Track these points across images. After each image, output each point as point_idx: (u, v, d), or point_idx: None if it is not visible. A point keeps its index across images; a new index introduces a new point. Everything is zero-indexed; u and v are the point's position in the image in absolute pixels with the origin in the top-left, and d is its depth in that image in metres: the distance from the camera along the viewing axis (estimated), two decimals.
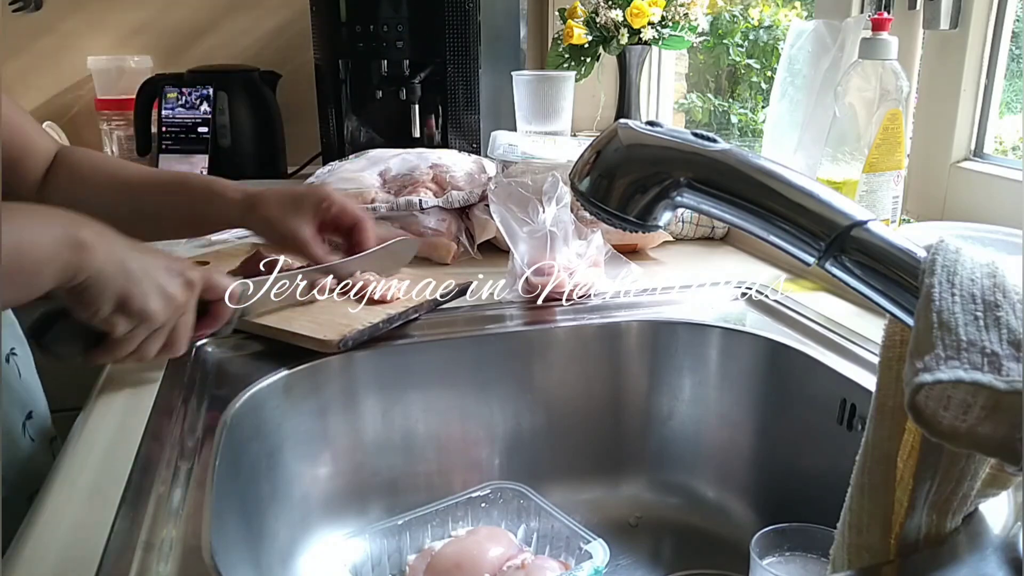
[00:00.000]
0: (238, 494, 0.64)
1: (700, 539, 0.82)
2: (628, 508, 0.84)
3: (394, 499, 0.80)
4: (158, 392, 0.69)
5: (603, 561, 0.70)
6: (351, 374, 0.78)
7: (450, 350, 0.81)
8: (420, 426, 0.82)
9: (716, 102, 2.09)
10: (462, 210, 1.06)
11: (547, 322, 0.85)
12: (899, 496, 0.43)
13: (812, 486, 0.74)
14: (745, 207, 0.47)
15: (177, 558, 0.48)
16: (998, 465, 0.42)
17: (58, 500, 0.55)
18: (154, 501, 0.54)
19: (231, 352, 0.77)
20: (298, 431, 0.75)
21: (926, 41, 0.99)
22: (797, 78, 1.06)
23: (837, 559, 0.47)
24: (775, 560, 0.63)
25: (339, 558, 0.71)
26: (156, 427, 0.63)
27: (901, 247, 0.43)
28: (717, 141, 0.48)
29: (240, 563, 0.61)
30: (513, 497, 0.79)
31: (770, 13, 2.06)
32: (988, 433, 0.36)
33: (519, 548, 0.75)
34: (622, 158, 0.50)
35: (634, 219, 0.50)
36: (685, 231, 1.13)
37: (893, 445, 0.43)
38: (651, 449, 0.87)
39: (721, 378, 0.84)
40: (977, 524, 0.45)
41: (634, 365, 0.86)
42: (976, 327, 0.37)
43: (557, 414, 0.85)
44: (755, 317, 0.87)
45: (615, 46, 1.36)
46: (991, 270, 0.40)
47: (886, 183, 0.87)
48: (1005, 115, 1.01)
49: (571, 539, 0.74)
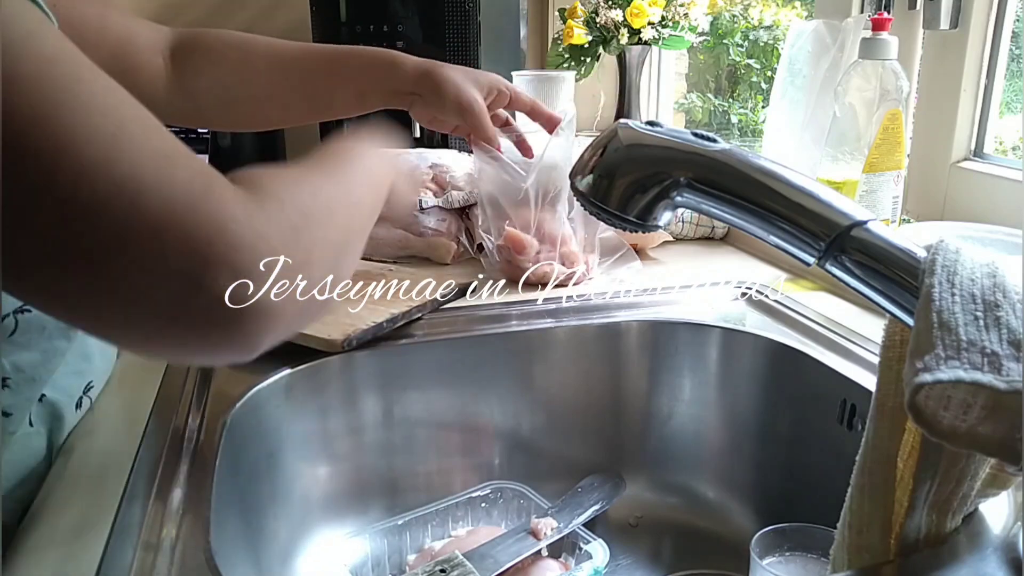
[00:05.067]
0: (238, 494, 0.64)
1: (700, 539, 0.82)
2: (628, 508, 0.84)
3: (394, 499, 0.80)
4: (158, 392, 0.69)
5: (603, 561, 0.70)
6: (351, 374, 0.78)
7: (450, 350, 0.81)
8: (420, 426, 0.82)
9: (716, 102, 2.09)
10: (462, 210, 1.06)
11: (547, 322, 0.85)
12: (899, 496, 0.43)
13: (812, 486, 0.74)
14: (745, 207, 0.47)
15: (177, 558, 0.48)
16: (998, 465, 0.42)
17: (58, 500, 0.55)
18: (154, 501, 0.54)
19: None
20: (298, 431, 0.75)
21: (926, 41, 0.99)
22: (797, 78, 1.06)
23: (837, 559, 0.47)
24: (775, 560, 0.63)
25: (339, 558, 0.72)
26: (157, 426, 0.63)
27: (901, 247, 0.43)
28: (717, 141, 0.48)
29: (240, 563, 0.61)
30: (513, 497, 0.80)
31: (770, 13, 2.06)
32: (988, 433, 0.36)
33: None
34: (622, 158, 0.50)
35: (634, 219, 0.50)
36: (685, 231, 1.13)
37: (893, 445, 0.43)
38: (651, 449, 0.87)
39: (721, 378, 0.84)
40: (977, 524, 0.45)
41: (634, 365, 0.86)
42: (976, 327, 0.37)
43: (557, 414, 0.85)
44: (755, 317, 0.87)
45: (615, 46, 1.36)
46: (991, 270, 0.40)
47: (886, 183, 0.87)
48: (1005, 115, 1.01)
49: (571, 539, 0.75)
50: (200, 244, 0.35)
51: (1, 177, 0.31)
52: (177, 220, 0.35)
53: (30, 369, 0.59)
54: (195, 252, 0.35)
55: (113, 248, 0.34)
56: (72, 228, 0.33)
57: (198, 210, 0.35)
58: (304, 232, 0.41)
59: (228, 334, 0.37)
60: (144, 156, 0.35)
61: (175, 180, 0.35)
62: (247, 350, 0.39)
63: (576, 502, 0.78)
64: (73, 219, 0.33)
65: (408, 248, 1.03)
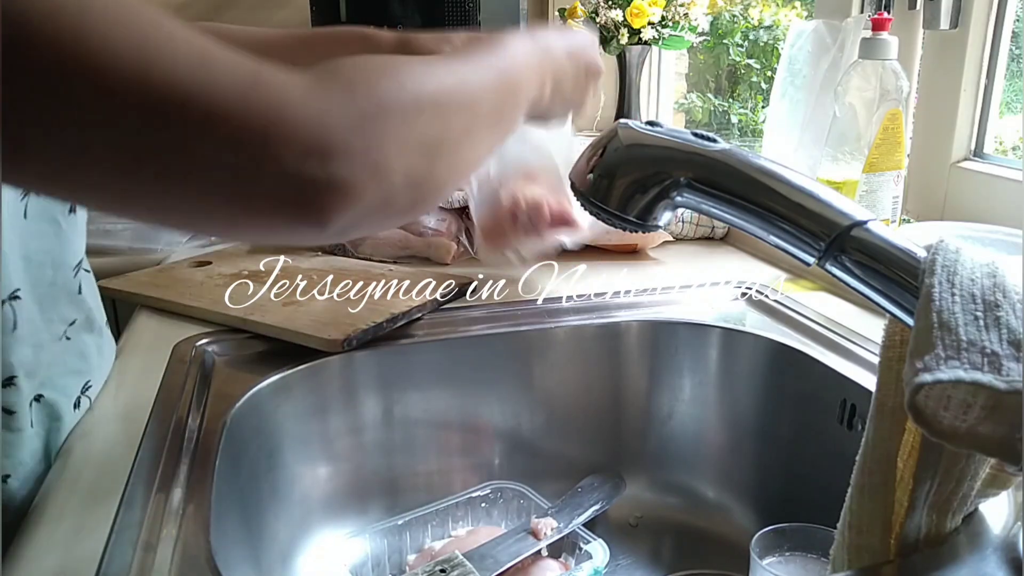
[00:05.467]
0: (238, 494, 0.64)
1: (700, 539, 0.82)
2: (628, 508, 0.84)
3: (394, 499, 0.80)
4: (158, 391, 0.69)
5: (603, 561, 0.70)
6: (351, 374, 0.78)
7: (450, 350, 0.81)
8: (420, 426, 0.82)
9: (716, 102, 2.09)
10: (462, 210, 1.06)
11: (547, 322, 0.85)
12: (899, 496, 0.43)
13: (812, 486, 0.74)
14: (745, 207, 0.47)
15: (177, 558, 0.48)
16: (998, 465, 0.42)
17: (58, 500, 0.55)
18: (154, 501, 0.54)
19: (231, 352, 0.77)
20: (298, 431, 0.75)
21: (926, 41, 0.99)
22: (797, 78, 1.06)
23: (837, 559, 0.47)
24: (775, 560, 0.63)
25: (339, 558, 0.72)
26: (156, 426, 0.63)
27: (901, 247, 0.43)
28: (717, 141, 0.48)
29: (240, 563, 0.61)
30: (513, 497, 0.80)
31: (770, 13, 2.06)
32: (988, 433, 0.36)
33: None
34: (622, 158, 0.50)
35: (634, 219, 0.50)
36: (685, 231, 1.13)
37: (893, 445, 0.43)
38: (651, 449, 0.87)
39: (721, 378, 0.84)
40: (977, 524, 0.45)
41: (634, 365, 0.86)
42: (976, 327, 0.37)
43: (557, 414, 0.85)
44: (755, 317, 0.87)
45: (615, 46, 1.36)
46: (991, 270, 0.40)
47: (886, 183, 0.87)
48: (1005, 115, 1.01)
49: (571, 539, 0.75)
50: (255, 134, 0.36)
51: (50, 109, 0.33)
52: (227, 115, 0.36)
53: (26, 364, 0.59)
54: (252, 142, 0.36)
55: (172, 153, 0.35)
56: (127, 151, 0.35)
57: (248, 100, 0.36)
58: (376, 122, 0.41)
59: (301, 210, 0.38)
60: (178, 64, 0.35)
61: (216, 79, 0.36)
62: (321, 226, 0.40)
63: (576, 502, 0.78)
64: (125, 134, 0.34)
65: (408, 248, 1.03)
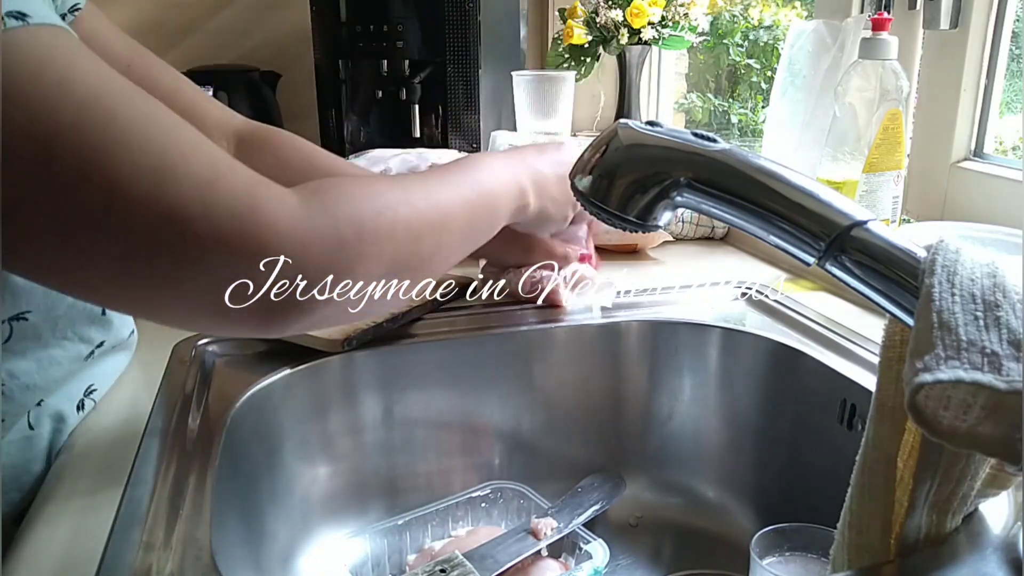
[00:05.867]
0: (238, 494, 0.64)
1: (700, 539, 0.82)
2: (628, 508, 0.84)
3: (394, 499, 0.80)
4: (158, 392, 0.69)
5: (603, 561, 0.70)
6: (351, 374, 0.78)
7: (450, 350, 0.81)
8: (420, 426, 0.82)
9: (716, 102, 2.09)
10: None
11: (547, 322, 0.85)
12: (899, 496, 0.43)
13: (812, 486, 0.74)
14: (745, 207, 0.47)
15: (177, 558, 0.48)
16: (998, 465, 0.42)
17: (58, 500, 0.55)
18: (154, 501, 0.54)
19: (231, 352, 0.77)
20: (298, 431, 0.75)
21: (926, 41, 0.99)
22: (797, 78, 1.06)
23: (837, 559, 0.47)
24: (775, 560, 0.63)
25: (339, 558, 0.72)
26: (156, 426, 0.63)
27: (901, 247, 0.43)
28: (717, 141, 0.48)
29: (240, 563, 0.61)
30: (513, 497, 0.80)
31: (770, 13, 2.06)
32: (988, 433, 0.36)
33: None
34: (622, 158, 0.50)
35: (634, 219, 0.50)
36: (685, 231, 1.13)
37: (893, 445, 0.43)
38: (651, 449, 0.87)
39: (721, 378, 0.84)
40: (977, 524, 0.45)
41: (634, 365, 0.86)
42: (976, 327, 0.37)
43: (557, 414, 0.85)
44: (755, 317, 0.87)
45: (615, 46, 1.36)
46: (991, 270, 0.40)
47: (886, 183, 0.87)
48: (1005, 115, 1.01)
49: (571, 539, 0.75)
50: (243, 260, 0.41)
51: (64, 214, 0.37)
52: (224, 239, 0.40)
53: (25, 376, 0.59)
54: (240, 266, 0.41)
55: (167, 267, 0.39)
56: (128, 260, 0.39)
57: (244, 227, 0.41)
58: (353, 247, 0.46)
59: (269, 321, 0.44)
60: (187, 185, 0.39)
61: (219, 201, 0.40)
62: (280, 332, 0.47)
63: (576, 502, 0.78)
64: (129, 251, 0.38)
65: None
